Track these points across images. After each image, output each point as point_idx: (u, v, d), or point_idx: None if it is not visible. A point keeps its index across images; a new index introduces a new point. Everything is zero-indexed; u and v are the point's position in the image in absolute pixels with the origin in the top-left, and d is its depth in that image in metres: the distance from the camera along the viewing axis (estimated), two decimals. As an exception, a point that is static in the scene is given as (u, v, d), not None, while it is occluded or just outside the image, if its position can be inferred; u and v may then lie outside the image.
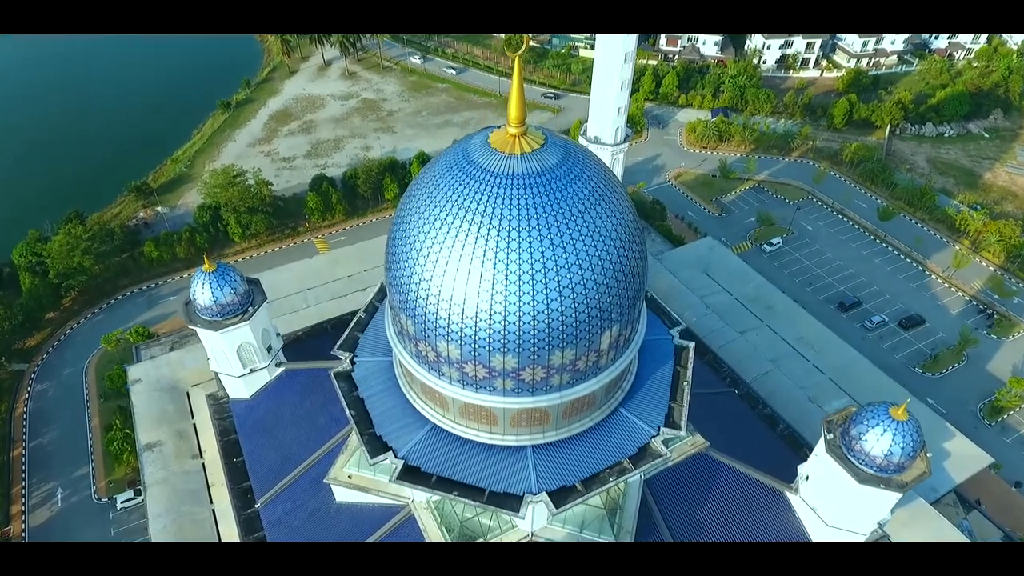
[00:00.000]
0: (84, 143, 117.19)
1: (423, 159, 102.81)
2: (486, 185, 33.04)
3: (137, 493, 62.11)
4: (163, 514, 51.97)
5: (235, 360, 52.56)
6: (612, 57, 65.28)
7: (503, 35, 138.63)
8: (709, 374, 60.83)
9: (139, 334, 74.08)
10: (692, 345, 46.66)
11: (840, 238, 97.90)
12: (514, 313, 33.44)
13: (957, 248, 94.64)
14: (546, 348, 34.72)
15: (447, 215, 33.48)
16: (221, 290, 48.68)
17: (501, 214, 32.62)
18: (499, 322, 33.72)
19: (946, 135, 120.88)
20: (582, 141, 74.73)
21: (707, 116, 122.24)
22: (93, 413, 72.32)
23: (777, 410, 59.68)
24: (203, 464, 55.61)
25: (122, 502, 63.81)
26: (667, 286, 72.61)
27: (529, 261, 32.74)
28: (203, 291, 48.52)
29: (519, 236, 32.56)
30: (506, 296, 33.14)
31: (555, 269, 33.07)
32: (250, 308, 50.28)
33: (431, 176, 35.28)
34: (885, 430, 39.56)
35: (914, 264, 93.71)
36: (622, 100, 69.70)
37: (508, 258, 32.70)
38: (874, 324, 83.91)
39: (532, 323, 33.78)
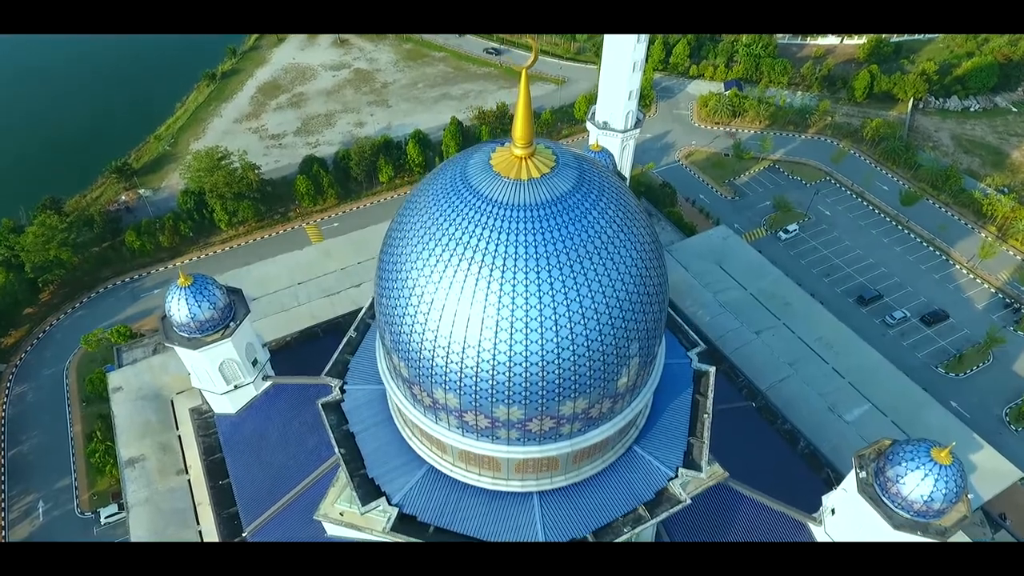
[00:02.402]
0: (60, 121, 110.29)
1: (419, 138, 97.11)
2: (488, 217, 28.47)
3: (122, 508, 59.18)
4: (146, 537, 49.35)
5: (217, 377, 48.93)
6: (624, 36, 59.51)
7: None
8: (724, 385, 56.93)
9: (121, 334, 70.07)
10: (712, 370, 42.73)
11: (860, 224, 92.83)
12: (520, 363, 29.37)
13: (983, 235, 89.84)
14: (556, 399, 30.81)
15: (443, 251, 29.02)
16: (199, 305, 44.79)
17: (505, 252, 28.17)
18: (503, 372, 29.66)
19: (972, 109, 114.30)
20: (589, 127, 69.66)
21: (719, 88, 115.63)
22: (75, 419, 68.77)
23: (796, 423, 56.39)
24: (188, 481, 52.63)
25: (106, 517, 61.00)
26: (678, 281, 68.51)
27: (537, 306, 28.46)
28: (179, 307, 44.57)
29: (526, 277, 28.20)
30: (511, 344, 29.01)
31: (567, 314, 28.81)
32: (232, 323, 46.40)
33: (424, 203, 30.60)
34: (926, 474, 35.93)
35: (937, 253, 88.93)
36: (634, 82, 64.35)
37: (513, 302, 28.42)
38: (895, 320, 79.74)
39: (540, 373, 29.73)
